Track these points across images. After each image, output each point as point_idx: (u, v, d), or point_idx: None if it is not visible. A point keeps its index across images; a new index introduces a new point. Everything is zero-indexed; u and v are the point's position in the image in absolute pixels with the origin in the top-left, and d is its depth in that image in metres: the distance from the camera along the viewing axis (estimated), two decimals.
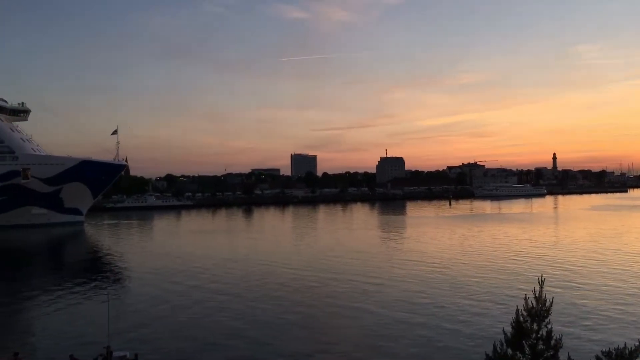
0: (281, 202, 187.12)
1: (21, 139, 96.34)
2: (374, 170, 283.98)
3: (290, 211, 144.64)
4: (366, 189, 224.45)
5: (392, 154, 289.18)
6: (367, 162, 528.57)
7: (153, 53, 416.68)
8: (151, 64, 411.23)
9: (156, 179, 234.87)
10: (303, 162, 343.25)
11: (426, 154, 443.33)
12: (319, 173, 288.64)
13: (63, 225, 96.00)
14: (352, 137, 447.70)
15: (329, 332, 28.04)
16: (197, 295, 36.59)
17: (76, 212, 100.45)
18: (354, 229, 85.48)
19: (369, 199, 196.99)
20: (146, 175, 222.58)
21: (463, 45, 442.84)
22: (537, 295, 11.64)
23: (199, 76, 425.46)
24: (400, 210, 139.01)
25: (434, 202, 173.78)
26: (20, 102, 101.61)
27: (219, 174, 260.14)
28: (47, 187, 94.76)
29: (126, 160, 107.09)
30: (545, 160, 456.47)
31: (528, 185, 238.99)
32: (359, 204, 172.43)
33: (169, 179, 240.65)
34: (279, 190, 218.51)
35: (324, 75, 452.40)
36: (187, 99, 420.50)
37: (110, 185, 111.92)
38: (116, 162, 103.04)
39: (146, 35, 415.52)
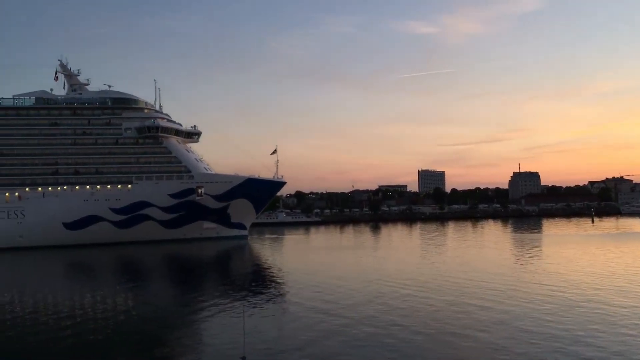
0: (408, 218, 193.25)
1: (195, 159, 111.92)
2: (506, 186, 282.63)
3: (417, 228, 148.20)
4: (498, 205, 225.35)
5: (525, 168, 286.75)
6: (499, 177, 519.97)
7: (284, 74, 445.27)
8: (281, 85, 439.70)
9: (286, 196, 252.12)
10: (431, 178, 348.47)
11: (564, 168, 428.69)
12: (447, 189, 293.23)
13: (230, 239, 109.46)
14: (482, 152, 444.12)
15: None
16: (333, 312, 37.77)
17: (241, 226, 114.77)
18: (485, 248, 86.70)
19: (500, 216, 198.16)
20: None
21: (604, 51, 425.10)
22: None
23: (327, 94, 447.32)
24: (536, 227, 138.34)
25: (574, 220, 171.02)
26: (192, 125, 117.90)
27: (346, 191, 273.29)
28: (217, 203, 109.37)
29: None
30: None
31: None
32: (490, 221, 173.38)
33: (298, 195, 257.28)
34: (406, 206, 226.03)
35: (453, 89, 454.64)
36: (316, 117, 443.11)
37: (270, 201, 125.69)
38: (276, 179, 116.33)
39: (279, 57, 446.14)
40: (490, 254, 76.17)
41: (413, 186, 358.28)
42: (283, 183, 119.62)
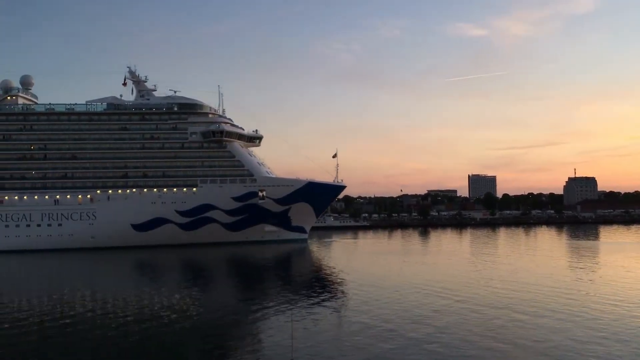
0: (458, 224, 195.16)
1: (257, 162, 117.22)
2: (560, 192, 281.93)
3: (468, 233, 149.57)
4: (552, 211, 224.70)
5: (581, 173, 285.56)
6: (553, 182, 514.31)
7: (331, 78, 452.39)
8: (329, 89, 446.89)
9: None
10: (481, 183, 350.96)
11: (623, 173, 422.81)
12: (499, 194, 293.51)
13: (290, 242, 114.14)
14: (535, 156, 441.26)
15: None
16: (381, 325, 37.62)
17: (301, 230, 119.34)
18: (537, 255, 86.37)
19: (555, 223, 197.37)
20: None
21: None
22: None
23: (375, 98, 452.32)
24: (592, 235, 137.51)
25: (633, 227, 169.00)
26: (254, 129, 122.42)
27: (394, 195, 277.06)
28: (278, 206, 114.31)
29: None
30: None
31: None
32: (543, 228, 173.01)
33: (346, 200, 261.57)
34: (455, 211, 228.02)
35: (503, 92, 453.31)
36: (363, 121, 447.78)
37: (329, 204, 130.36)
38: (336, 183, 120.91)
39: (326, 61, 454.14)
40: (544, 262, 75.77)
41: (463, 191, 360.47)
42: (343, 187, 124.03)
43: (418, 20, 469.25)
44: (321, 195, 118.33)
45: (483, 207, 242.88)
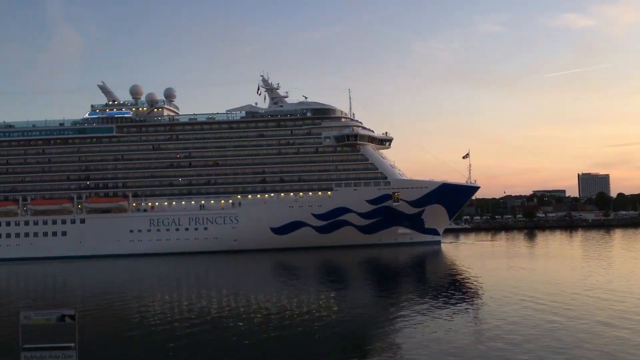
0: (568, 225, 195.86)
1: (390, 165, 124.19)
2: None
3: (578, 236, 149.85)
4: None
5: None
6: None
7: (430, 77, 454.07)
8: (428, 88, 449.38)
9: None
10: (593, 182, 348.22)
11: None
12: (613, 194, 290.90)
13: (423, 245, 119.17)
14: None
15: None
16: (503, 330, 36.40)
17: (434, 232, 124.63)
18: None
19: None
20: None
21: None
22: None
23: (474, 97, 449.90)
24: None
25: None
26: (384, 131, 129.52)
27: (497, 197, 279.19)
28: (411, 209, 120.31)
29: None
30: None
31: None
32: None
33: None
34: (564, 212, 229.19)
35: (613, 85, 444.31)
36: (463, 120, 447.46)
37: (463, 206, 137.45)
38: (470, 184, 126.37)
39: (424, 60, 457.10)
40: None
41: (572, 191, 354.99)
42: (477, 187, 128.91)
43: (519, 13, 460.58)
44: (455, 197, 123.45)
45: (595, 208, 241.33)
